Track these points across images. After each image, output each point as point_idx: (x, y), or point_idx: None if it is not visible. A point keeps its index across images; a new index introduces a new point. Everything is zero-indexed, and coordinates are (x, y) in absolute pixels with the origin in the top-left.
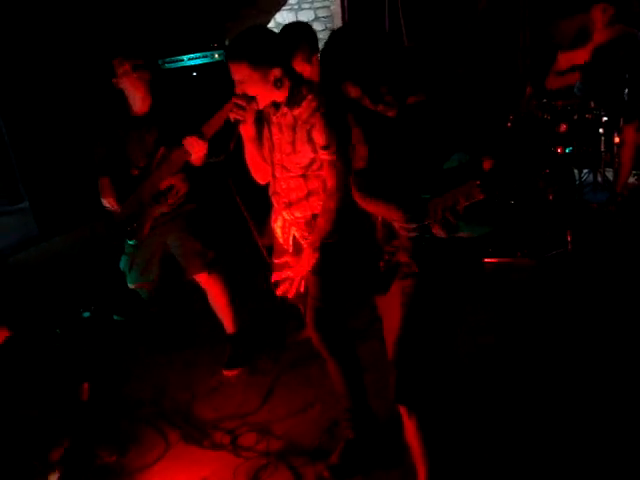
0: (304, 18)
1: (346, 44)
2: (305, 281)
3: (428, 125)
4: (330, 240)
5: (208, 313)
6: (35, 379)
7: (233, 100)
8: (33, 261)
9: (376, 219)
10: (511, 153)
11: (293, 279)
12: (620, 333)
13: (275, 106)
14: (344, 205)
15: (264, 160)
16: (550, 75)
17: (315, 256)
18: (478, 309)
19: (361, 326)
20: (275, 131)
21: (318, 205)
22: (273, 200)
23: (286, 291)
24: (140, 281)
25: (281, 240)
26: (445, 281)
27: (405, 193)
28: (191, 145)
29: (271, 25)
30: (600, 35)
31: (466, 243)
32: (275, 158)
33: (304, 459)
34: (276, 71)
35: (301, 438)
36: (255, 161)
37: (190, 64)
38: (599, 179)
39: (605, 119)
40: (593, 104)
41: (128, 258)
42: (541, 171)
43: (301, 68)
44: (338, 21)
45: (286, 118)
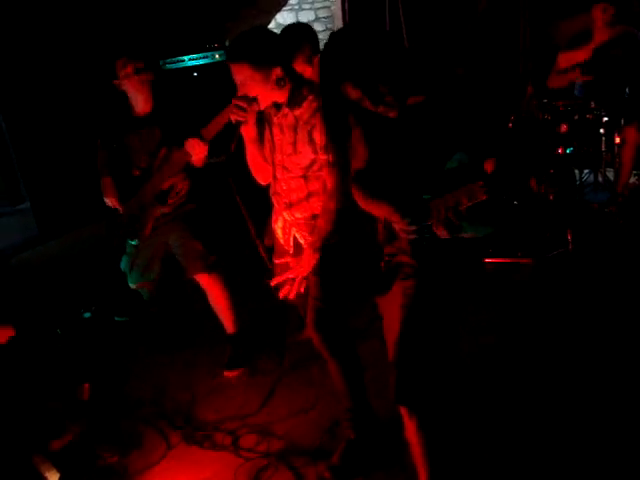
0: (304, 18)
1: (346, 45)
2: (306, 282)
3: (429, 126)
4: (331, 241)
5: (208, 313)
6: (36, 379)
7: (234, 101)
8: (34, 262)
9: (377, 220)
10: (513, 154)
11: (294, 281)
12: (620, 333)
13: (276, 107)
14: (345, 206)
15: (265, 161)
16: (551, 74)
17: (316, 257)
18: (479, 309)
19: (362, 325)
20: (276, 132)
21: (318, 206)
22: (274, 201)
23: (287, 294)
24: (141, 281)
25: (282, 241)
26: (446, 282)
27: (405, 194)
28: (192, 147)
29: (271, 25)
30: (600, 35)
31: (466, 244)
32: (276, 159)
33: (305, 459)
34: (277, 70)
35: (302, 438)
36: (256, 162)
37: (191, 64)
38: (600, 179)
39: (606, 119)
40: (594, 104)
41: (129, 258)
42: (544, 172)
43: (302, 69)
44: (339, 22)
45: (287, 119)
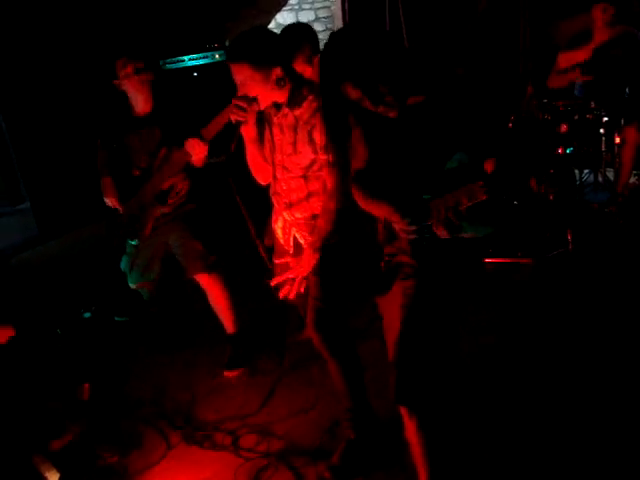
0: (304, 18)
1: (346, 45)
2: (306, 282)
3: (428, 126)
4: (331, 241)
5: (208, 313)
6: (36, 379)
7: (234, 101)
8: (34, 262)
9: (377, 220)
10: (514, 154)
11: (294, 281)
12: (621, 333)
13: (276, 107)
14: (345, 206)
15: (265, 161)
16: (551, 74)
17: (316, 257)
18: (479, 309)
19: (362, 325)
20: (276, 132)
21: (318, 206)
22: (274, 201)
23: (287, 294)
24: (141, 281)
25: (282, 241)
26: (446, 282)
27: (405, 195)
28: (192, 147)
29: (271, 25)
30: (600, 35)
31: (466, 244)
32: (276, 159)
33: (305, 459)
34: (277, 70)
35: (302, 438)
36: (256, 162)
37: (191, 64)
38: (600, 179)
39: (606, 119)
40: (594, 104)
41: (129, 258)
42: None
43: (302, 69)
44: (339, 21)
45: (287, 119)
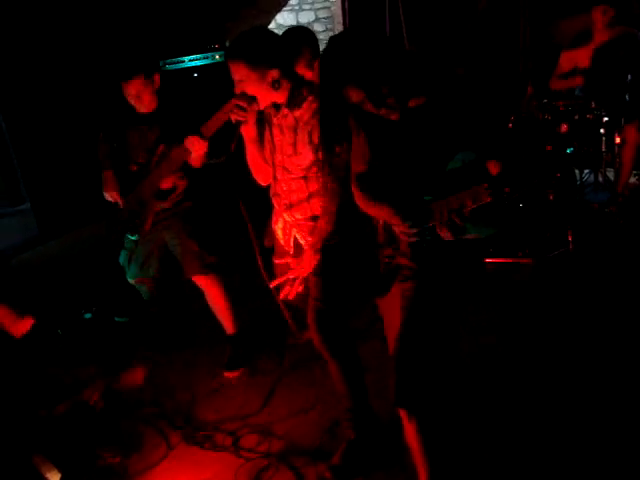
0: (304, 19)
1: (348, 48)
2: (306, 282)
3: (430, 128)
4: (331, 241)
5: (208, 313)
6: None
7: (234, 101)
8: (34, 262)
9: (377, 222)
10: (519, 156)
11: (294, 281)
12: (621, 333)
13: (276, 107)
14: (345, 207)
15: (265, 161)
16: (553, 77)
17: (316, 257)
18: (480, 309)
19: (362, 326)
20: (276, 132)
21: (319, 207)
22: (274, 202)
23: (287, 294)
24: (140, 276)
25: (282, 242)
26: (445, 284)
27: (407, 197)
28: (192, 144)
29: (272, 26)
30: (600, 36)
31: (467, 244)
32: (276, 160)
33: (305, 460)
34: (274, 72)
35: (302, 439)
36: (256, 162)
37: (191, 65)
38: (600, 179)
39: (606, 119)
40: (594, 104)
41: (128, 253)
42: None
43: (302, 73)
44: (338, 22)
45: (287, 119)
